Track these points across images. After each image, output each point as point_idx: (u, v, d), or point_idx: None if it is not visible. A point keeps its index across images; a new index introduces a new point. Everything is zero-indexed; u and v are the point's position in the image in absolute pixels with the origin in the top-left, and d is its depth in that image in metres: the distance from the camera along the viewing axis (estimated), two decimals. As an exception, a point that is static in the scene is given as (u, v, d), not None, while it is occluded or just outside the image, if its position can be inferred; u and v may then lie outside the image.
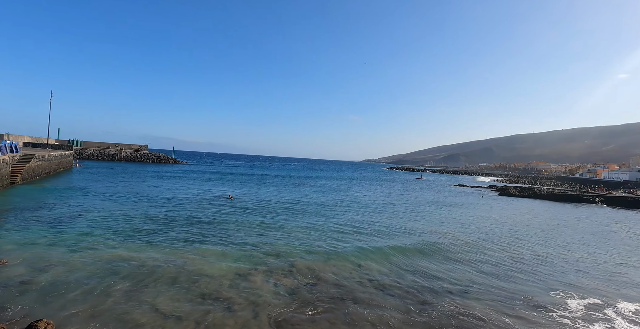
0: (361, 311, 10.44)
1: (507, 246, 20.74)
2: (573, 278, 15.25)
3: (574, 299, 12.52)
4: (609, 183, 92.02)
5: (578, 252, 20.35)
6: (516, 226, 28.48)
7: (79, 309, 9.40)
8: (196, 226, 20.72)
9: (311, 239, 19.25)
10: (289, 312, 10.11)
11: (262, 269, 13.69)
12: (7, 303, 9.42)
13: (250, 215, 25.69)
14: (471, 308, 11.19)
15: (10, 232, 16.64)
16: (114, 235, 17.47)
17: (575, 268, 16.89)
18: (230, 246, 16.78)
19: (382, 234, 21.80)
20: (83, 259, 13.44)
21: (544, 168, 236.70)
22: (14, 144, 38.17)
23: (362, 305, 10.89)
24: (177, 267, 13.24)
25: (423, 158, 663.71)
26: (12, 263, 12.51)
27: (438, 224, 26.79)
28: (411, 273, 14.55)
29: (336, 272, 13.98)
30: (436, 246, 19.29)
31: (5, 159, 30.65)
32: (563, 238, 24.33)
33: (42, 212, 21.82)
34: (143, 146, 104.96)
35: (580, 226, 30.67)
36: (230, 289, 11.52)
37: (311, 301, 10.92)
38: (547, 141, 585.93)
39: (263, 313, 9.97)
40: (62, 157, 54.24)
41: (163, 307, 9.92)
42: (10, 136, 63.03)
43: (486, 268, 16.04)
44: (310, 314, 10.08)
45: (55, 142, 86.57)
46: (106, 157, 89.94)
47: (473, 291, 12.86)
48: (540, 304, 11.92)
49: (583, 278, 15.33)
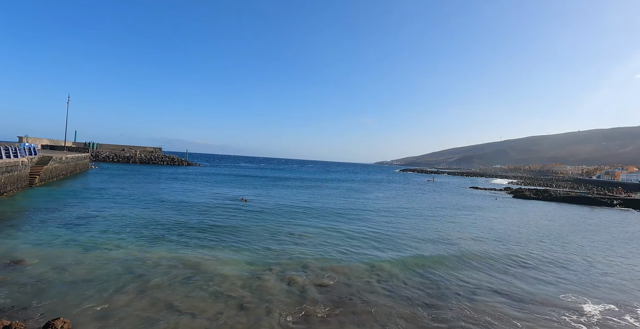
0: (369, 310, 10.42)
1: (521, 249, 20.43)
2: (588, 282, 14.95)
3: (589, 304, 12.28)
4: (628, 186, 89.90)
5: (594, 256, 19.94)
6: (530, 229, 28.04)
7: (94, 307, 9.57)
8: (209, 228, 20.91)
9: (324, 243, 19.24)
10: (300, 312, 10.14)
11: (274, 270, 13.74)
12: (25, 302, 9.64)
13: (264, 218, 25.76)
14: (480, 311, 11.06)
15: (28, 232, 17.03)
16: (129, 236, 17.74)
17: (591, 273, 16.57)
18: (243, 248, 16.89)
19: (395, 238, 21.68)
20: (98, 259, 13.67)
21: (560, 170, 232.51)
22: (32, 146, 39.08)
23: (371, 307, 10.85)
24: (190, 267, 13.38)
25: (436, 160, 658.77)
26: (29, 262, 12.79)
27: (451, 228, 26.53)
28: (421, 275, 14.43)
29: (348, 275, 13.95)
30: (449, 249, 19.12)
31: (24, 161, 31.39)
32: (578, 242, 23.87)
33: (59, 213, 22.26)
34: (157, 148, 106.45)
35: (597, 229, 30.04)
36: (242, 289, 11.60)
37: (321, 301, 10.93)
38: (563, 142, 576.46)
39: (274, 311, 10.03)
40: (79, 159, 55.29)
41: (177, 304, 10.09)
42: (29, 138, 64.51)
43: (497, 271, 15.83)
44: (321, 314, 10.09)
45: (72, 144, 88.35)
46: (121, 159, 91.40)
47: (484, 294, 12.70)
48: (554, 307, 11.71)
49: (598, 283, 15.02)
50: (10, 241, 15.28)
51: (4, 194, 26.65)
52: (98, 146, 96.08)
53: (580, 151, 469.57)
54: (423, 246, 19.36)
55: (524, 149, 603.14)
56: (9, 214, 20.91)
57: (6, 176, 27.06)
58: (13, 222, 18.99)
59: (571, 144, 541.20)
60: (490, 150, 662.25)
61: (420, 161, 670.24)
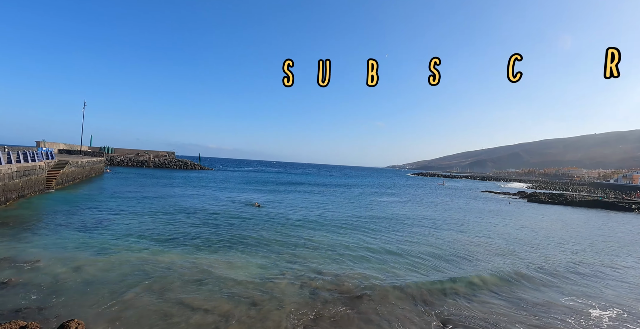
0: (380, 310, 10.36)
1: (533, 254, 20.11)
2: (599, 288, 14.63)
3: (595, 309, 12.02)
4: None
5: (608, 261, 19.50)
6: (543, 233, 27.58)
7: (108, 308, 9.69)
8: (221, 232, 21.03)
9: (337, 248, 19.17)
10: (311, 312, 10.14)
11: (286, 274, 13.76)
12: (40, 303, 9.80)
13: (276, 223, 25.70)
14: (487, 312, 10.91)
15: (44, 235, 17.35)
16: (142, 239, 17.95)
17: (602, 278, 16.21)
18: (255, 252, 16.93)
19: (406, 243, 21.57)
20: (112, 261, 13.85)
21: (576, 174, 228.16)
22: (49, 150, 39.92)
23: (381, 308, 10.79)
24: (202, 270, 13.47)
25: (448, 164, 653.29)
26: (45, 264, 13.02)
27: (462, 231, 26.25)
28: (430, 277, 14.30)
29: (360, 280, 13.89)
30: (456, 251, 18.93)
31: (41, 165, 32.05)
32: (594, 247, 23.39)
33: (75, 216, 22.64)
34: (170, 152, 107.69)
35: (614, 234, 29.38)
36: (254, 290, 11.65)
37: (332, 301, 10.90)
38: (578, 145, 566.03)
39: (285, 311, 10.07)
40: (94, 164, 56.24)
41: (189, 302, 10.38)
42: (46, 143, 65.83)
43: (508, 274, 15.59)
44: (331, 316, 10.06)
45: (88, 148, 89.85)
46: (135, 164, 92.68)
47: (491, 296, 12.53)
48: (562, 311, 11.48)
49: (610, 289, 14.69)
50: (27, 243, 15.59)
51: (22, 198, 27.22)
52: (113, 150, 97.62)
53: (597, 154, 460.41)
54: (437, 252, 19.20)
55: (539, 152, 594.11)
56: (27, 217, 21.34)
57: (24, 180, 27.66)
58: (30, 225, 19.37)
59: (587, 147, 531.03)
60: (504, 153, 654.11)
61: (433, 165, 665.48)
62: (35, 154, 32.55)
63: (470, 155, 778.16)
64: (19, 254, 13.92)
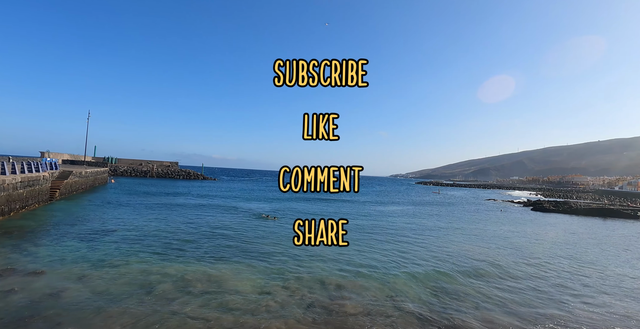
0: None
1: (535, 264, 19.98)
2: (598, 298, 14.51)
3: (600, 318, 11.90)
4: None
5: (612, 271, 19.34)
6: (547, 242, 27.40)
7: (109, 318, 9.71)
8: (224, 242, 21.06)
9: (340, 259, 19.06)
10: (309, 322, 10.11)
11: (289, 285, 13.73)
12: (42, 312, 9.83)
13: (280, 232, 25.68)
14: (487, 320, 10.84)
15: (47, 246, 17.43)
16: (145, 249, 17.98)
17: (599, 287, 16.08)
18: (259, 263, 16.84)
19: (410, 251, 21.49)
20: (115, 272, 13.90)
21: (581, 181, 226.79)
22: (53, 161, 40.23)
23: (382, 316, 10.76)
24: (205, 281, 13.48)
25: (452, 172, 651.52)
26: (48, 274, 13.09)
27: (462, 240, 26.12)
28: (432, 288, 14.23)
29: (361, 291, 13.85)
30: (458, 263, 18.84)
31: (45, 175, 32.27)
32: (592, 256, 23.21)
33: (78, 226, 22.74)
34: (174, 162, 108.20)
35: (617, 242, 29.13)
36: (256, 302, 11.63)
37: (334, 309, 10.87)
38: (583, 153, 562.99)
39: (285, 320, 10.03)
40: (98, 174, 56.55)
41: (194, 315, 10.33)
42: (50, 153, 66.37)
43: (506, 283, 15.49)
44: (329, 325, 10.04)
45: (92, 159, 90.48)
46: (139, 174, 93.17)
47: (488, 307, 12.45)
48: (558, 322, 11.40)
49: (610, 298, 14.56)
50: (31, 254, 15.68)
51: (26, 208, 27.37)
52: (116, 160, 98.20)
53: (601, 161, 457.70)
54: (441, 265, 19.10)
55: (542, 160, 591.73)
56: (31, 227, 21.45)
57: (28, 190, 27.84)
58: (34, 235, 19.48)
59: (591, 154, 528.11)
60: (508, 161, 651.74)
61: (436, 174, 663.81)
62: (39, 164, 32.81)
63: (473, 163, 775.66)
64: (23, 264, 14.00)
